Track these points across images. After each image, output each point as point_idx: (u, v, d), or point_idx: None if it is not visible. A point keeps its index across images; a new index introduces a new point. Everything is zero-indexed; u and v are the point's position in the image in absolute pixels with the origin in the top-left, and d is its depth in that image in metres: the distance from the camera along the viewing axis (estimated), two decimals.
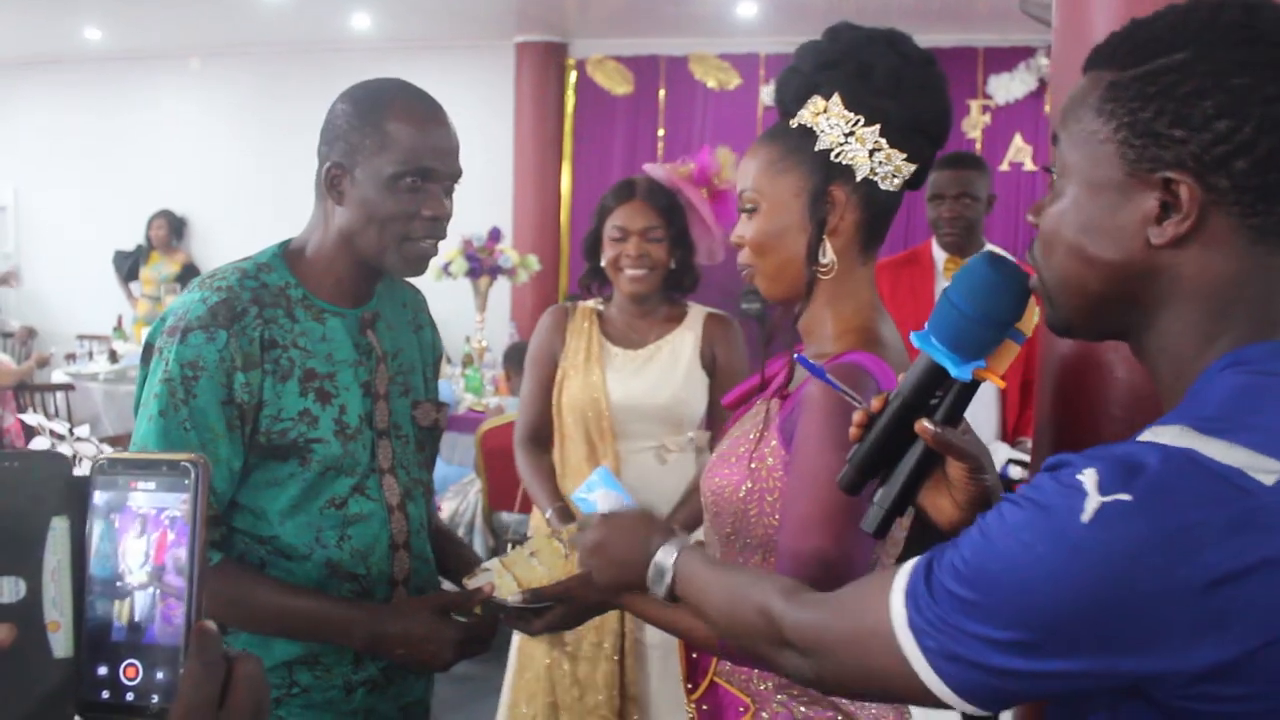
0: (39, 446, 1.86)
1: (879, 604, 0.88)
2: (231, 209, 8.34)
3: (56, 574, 0.65)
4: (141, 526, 0.66)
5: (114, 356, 6.58)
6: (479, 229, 5.62)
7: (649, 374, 2.52)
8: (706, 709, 1.42)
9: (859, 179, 1.30)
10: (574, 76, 7.74)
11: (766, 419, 1.33)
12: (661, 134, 7.64)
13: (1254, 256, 0.86)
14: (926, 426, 0.98)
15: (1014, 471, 3.05)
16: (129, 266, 8.21)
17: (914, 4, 6.05)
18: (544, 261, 6.54)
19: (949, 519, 1.02)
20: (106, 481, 0.67)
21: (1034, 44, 6.68)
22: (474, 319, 5.86)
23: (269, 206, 7.46)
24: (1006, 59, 6.85)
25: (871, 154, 1.29)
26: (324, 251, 1.56)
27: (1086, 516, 0.76)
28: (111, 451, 0.71)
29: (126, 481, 0.66)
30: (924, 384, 1.01)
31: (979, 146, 6.86)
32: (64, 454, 0.79)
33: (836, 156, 1.30)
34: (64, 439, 1.92)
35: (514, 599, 1.52)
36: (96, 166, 8.72)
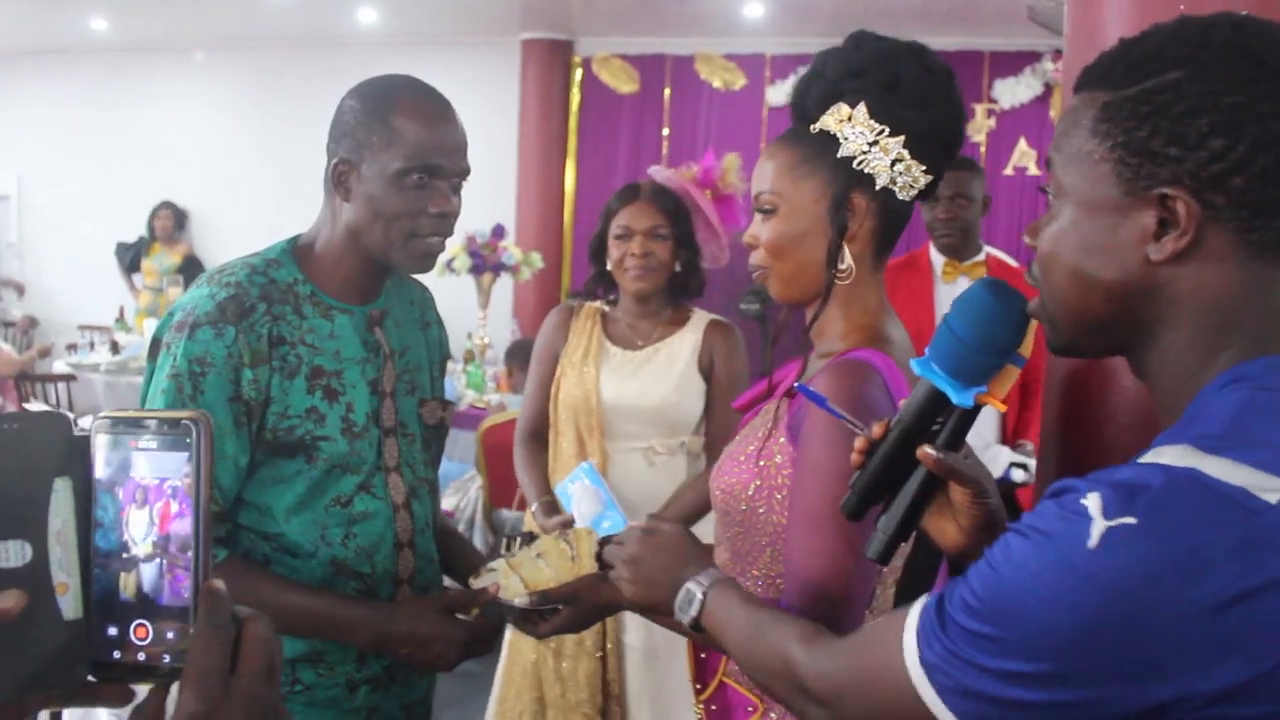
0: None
1: (894, 646, 0.88)
2: (234, 202, 8.34)
3: (62, 535, 0.64)
4: (145, 494, 0.65)
5: (115, 347, 6.58)
6: (482, 225, 5.62)
7: (643, 375, 2.52)
8: (715, 709, 1.42)
9: (878, 187, 1.31)
10: (579, 74, 7.73)
11: (775, 418, 1.34)
12: (666, 133, 7.64)
13: (1253, 271, 0.86)
14: (929, 452, 0.98)
15: (1017, 475, 3.05)
16: (131, 258, 8.19)
17: (920, 6, 6.04)
18: (547, 259, 6.53)
19: (953, 543, 1.02)
20: (108, 441, 0.66)
21: (1039, 49, 6.67)
22: (476, 315, 5.87)
23: (271, 200, 7.47)
24: (1012, 63, 6.84)
25: (893, 164, 1.29)
26: (332, 248, 1.56)
27: (1093, 542, 0.76)
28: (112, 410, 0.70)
29: (127, 441, 0.66)
30: (925, 410, 1.01)
31: (983, 151, 6.86)
32: (64, 413, 0.77)
33: (859, 165, 1.30)
34: None
35: (521, 601, 1.51)
36: (100, 157, 8.70)
